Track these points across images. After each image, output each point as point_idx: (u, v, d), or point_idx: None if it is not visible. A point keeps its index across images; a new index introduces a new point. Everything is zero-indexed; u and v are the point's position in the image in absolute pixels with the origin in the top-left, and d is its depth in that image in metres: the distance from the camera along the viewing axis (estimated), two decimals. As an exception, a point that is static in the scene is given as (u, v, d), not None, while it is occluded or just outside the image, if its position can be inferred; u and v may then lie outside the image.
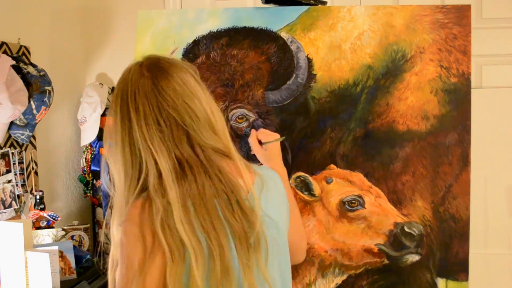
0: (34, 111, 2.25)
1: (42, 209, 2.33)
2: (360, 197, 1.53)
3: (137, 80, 1.01)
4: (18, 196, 2.30)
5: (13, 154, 2.30)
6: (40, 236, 2.24)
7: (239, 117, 1.59)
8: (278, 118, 1.59)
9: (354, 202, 1.53)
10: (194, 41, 1.67)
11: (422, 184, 1.54)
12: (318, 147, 1.59)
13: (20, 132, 2.27)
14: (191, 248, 0.90)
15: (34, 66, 2.31)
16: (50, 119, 2.58)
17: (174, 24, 1.72)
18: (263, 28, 1.64)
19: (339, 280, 1.54)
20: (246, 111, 1.59)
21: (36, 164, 2.46)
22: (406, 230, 1.49)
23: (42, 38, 2.60)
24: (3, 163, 2.26)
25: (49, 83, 2.30)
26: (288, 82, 1.59)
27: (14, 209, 2.27)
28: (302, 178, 1.56)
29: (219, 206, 0.95)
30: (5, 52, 2.27)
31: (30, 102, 2.23)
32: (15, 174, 2.30)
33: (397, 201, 1.53)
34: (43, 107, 2.28)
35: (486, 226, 2.45)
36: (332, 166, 1.58)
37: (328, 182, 1.55)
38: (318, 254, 1.54)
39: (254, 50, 1.62)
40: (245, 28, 1.65)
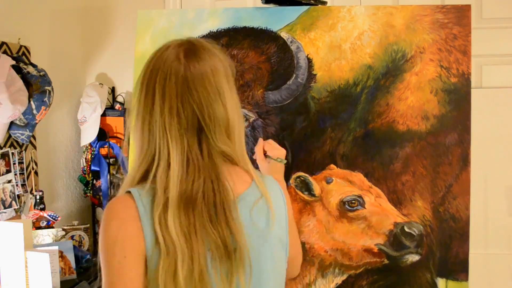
0: (34, 111, 2.25)
1: (42, 209, 2.34)
2: (360, 197, 1.53)
3: (171, 62, 0.99)
4: (18, 196, 2.30)
5: (13, 154, 2.30)
6: (40, 236, 2.24)
7: (239, 117, 1.59)
8: (278, 118, 1.59)
9: (354, 202, 1.53)
10: (194, 41, 1.67)
11: (422, 184, 1.54)
12: (318, 147, 1.59)
13: (20, 132, 2.27)
14: (179, 247, 0.90)
15: (34, 66, 2.31)
16: (50, 119, 2.58)
17: (174, 24, 1.72)
18: (263, 28, 1.64)
19: (339, 280, 1.54)
20: (246, 111, 1.59)
21: (36, 164, 2.46)
22: (406, 230, 1.49)
23: (42, 38, 2.60)
24: (3, 163, 2.26)
25: (49, 83, 2.30)
26: (288, 82, 1.59)
27: (14, 209, 2.27)
28: (302, 178, 1.56)
29: (206, 213, 0.94)
30: (5, 52, 2.27)
31: (30, 102, 2.23)
32: (15, 174, 2.30)
33: (397, 201, 1.53)
34: (43, 107, 2.28)
35: (486, 226, 2.45)
36: (332, 166, 1.58)
37: (328, 182, 1.55)
38: (318, 254, 1.54)
39: (254, 50, 1.62)
40: (245, 28, 1.65)
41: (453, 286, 1.52)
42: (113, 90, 2.94)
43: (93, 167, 2.76)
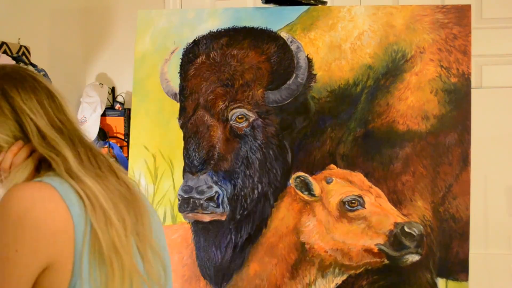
0: (34, 111, 2.25)
1: (42, 209, 2.33)
2: (360, 197, 1.53)
3: None
4: (18, 196, 2.30)
5: (13, 154, 2.30)
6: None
7: (239, 117, 1.59)
8: (278, 118, 1.59)
9: (354, 202, 1.53)
10: (194, 41, 1.67)
11: (422, 184, 1.54)
12: (318, 147, 1.59)
13: (20, 132, 2.27)
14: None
15: (34, 66, 2.31)
16: (50, 119, 2.57)
17: (174, 24, 1.72)
18: (263, 28, 1.64)
19: (339, 280, 1.54)
20: (246, 111, 1.59)
21: (36, 164, 2.46)
22: (406, 230, 1.49)
23: (42, 38, 2.60)
24: (3, 163, 2.25)
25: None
26: (288, 82, 1.59)
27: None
28: (302, 178, 1.56)
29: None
30: (5, 52, 2.27)
31: (30, 102, 2.23)
32: (15, 174, 2.30)
33: (397, 201, 1.53)
34: (43, 107, 2.27)
35: (486, 226, 2.45)
36: (332, 166, 1.58)
37: (328, 182, 1.55)
38: (318, 254, 1.54)
39: (254, 50, 1.62)
40: (245, 28, 1.65)
41: (453, 286, 1.52)
42: (113, 90, 2.94)
43: (93, 167, 2.76)
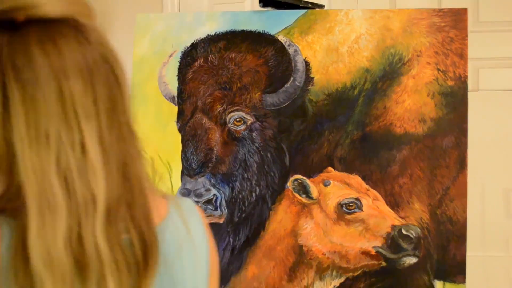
0: (32, 114, 2.25)
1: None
2: (357, 199, 1.53)
3: None
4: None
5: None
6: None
7: (237, 120, 1.60)
8: (276, 121, 1.60)
9: (351, 204, 1.53)
10: (192, 44, 1.68)
11: (419, 186, 1.54)
12: (315, 150, 1.59)
13: (18, 135, 2.27)
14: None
15: (32, 69, 2.31)
16: (48, 122, 2.58)
17: (172, 27, 1.72)
18: (261, 31, 1.65)
19: (337, 282, 1.54)
20: (243, 114, 1.60)
21: (34, 167, 2.46)
22: (404, 232, 1.50)
23: (40, 41, 2.60)
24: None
25: (47, 86, 2.30)
26: (285, 85, 1.59)
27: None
28: (299, 181, 1.57)
29: None
30: (3, 55, 2.26)
31: (28, 105, 2.23)
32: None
33: (394, 203, 1.54)
34: (41, 110, 2.28)
35: (484, 228, 2.46)
36: (329, 168, 1.58)
37: (325, 185, 1.56)
38: (316, 256, 1.54)
39: (252, 53, 1.63)
40: (243, 31, 1.66)
41: (450, 289, 1.52)
42: (111, 93, 2.94)
43: (91, 170, 2.76)
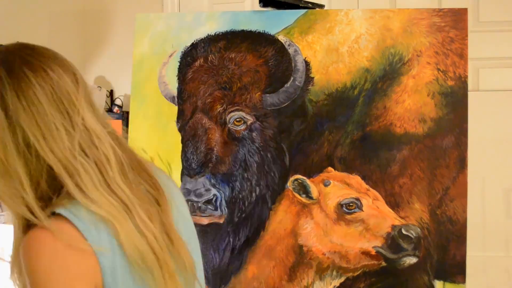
0: (32, 114, 2.25)
1: (40, 212, 2.33)
2: (357, 199, 1.53)
3: None
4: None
5: (11, 157, 2.30)
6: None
7: (237, 120, 1.59)
8: (276, 121, 1.60)
9: (351, 204, 1.53)
10: (192, 44, 1.68)
11: (419, 186, 1.54)
12: (315, 150, 1.59)
13: (18, 135, 2.27)
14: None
15: (32, 69, 2.31)
16: (48, 122, 2.57)
17: (172, 27, 1.72)
18: (261, 31, 1.64)
19: (337, 282, 1.54)
20: (244, 114, 1.60)
21: (34, 167, 2.46)
22: (404, 232, 1.50)
23: (40, 41, 2.58)
24: None
25: (47, 86, 2.30)
26: (285, 85, 1.59)
27: (12, 212, 2.27)
28: (300, 181, 1.57)
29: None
30: (3, 55, 2.27)
31: (28, 105, 2.23)
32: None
33: (394, 203, 1.54)
34: (41, 110, 2.27)
35: (484, 228, 2.46)
36: (329, 168, 1.58)
37: (325, 185, 1.56)
38: (316, 256, 1.54)
39: (252, 53, 1.63)
40: (243, 31, 1.66)
41: (450, 289, 1.52)
42: (111, 93, 2.94)
43: (91, 170, 2.75)
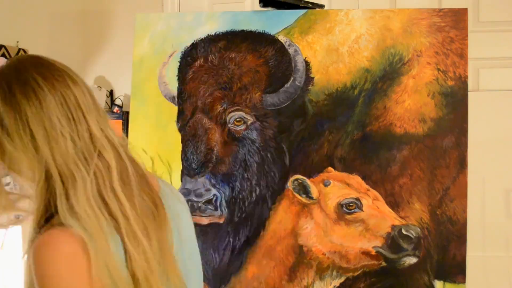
0: (32, 114, 2.25)
1: (40, 212, 2.33)
2: (357, 199, 1.53)
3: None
4: (16, 199, 2.30)
5: (11, 157, 2.30)
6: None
7: (237, 120, 1.59)
8: (276, 121, 1.60)
9: (351, 204, 1.53)
10: (192, 44, 1.68)
11: (419, 186, 1.54)
12: (315, 150, 1.59)
13: (18, 135, 2.27)
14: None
15: (32, 69, 2.31)
16: (48, 122, 2.57)
17: (172, 27, 1.72)
18: (261, 31, 1.64)
19: (337, 282, 1.54)
20: (244, 114, 1.60)
21: (34, 167, 2.46)
22: (404, 232, 1.50)
23: (40, 41, 2.60)
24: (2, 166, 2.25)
25: (47, 86, 2.30)
26: (286, 85, 1.59)
27: (12, 212, 2.27)
28: (300, 181, 1.57)
29: None
30: (3, 55, 2.27)
31: (28, 105, 2.23)
32: (13, 177, 2.30)
33: (394, 203, 1.54)
34: (41, 110, 2.27)
35: (484, 228, 2.46)
36: (329, 168, 1.58)
37: (325, 185, 1.56)
38: (316, 256, 1.54)
39: (252, 53, 1.63)
40: (243, 31, 1.66)
41: (450, 289, 1.52)
42: (111, 93, 2.94)
43: (91, 170, 2.76)
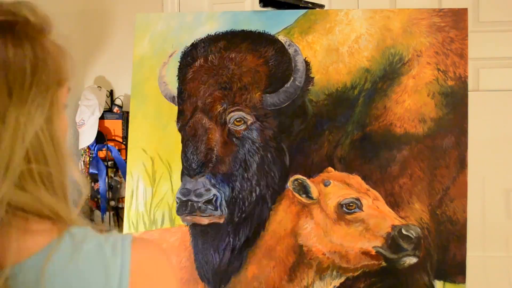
0: (32, 114, 2.25)
1: (40, 212, 2.33)
2: (357, 199, 1.53)
3: None
4: (16, 199, 2.30)
5: (11, 157, 2.30)
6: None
7: (237, 120, 1.59)
8: (276, 121, 1.60)
9: (351, 204, 1.53)
10: (192, 44, 1.68)
11: (419, 186, 1.54)
12: (315, 150, 1.59)
13: (18, 135, 2.27)
14: None
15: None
16: (48, 122, 2.57)
17: (172, 27, 1.72)
18: (261, 31, 1.65)
19: (337, 282, 1.54)
20: (244, 114, 1.60)
21: (34, 167, 2.46)
22: (404, 232, 1.50)
23: (40, 41, 2.60)
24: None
25: (47, 86, 2.30)
26: (286, 85, 1.59)
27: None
28: (300, 181, 1.57)
29: None
30: (3, 55, 2.27)
31: (28, 105, 2.23)
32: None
33: (394, 203, 1.54)
34: (41, 110, 2.27)
35: (484, 228, 2.46)
36: (329, 168, 1.58)
37: (325, 185, 1.56)
38: (316, 256, 1.54)
39: (252, 53, 1.63)
40: (243, 31, 1.66)
41: (450, 289, 1.52)
42: (111, 93, 2.94)
43: (91, 170, 2.76)
